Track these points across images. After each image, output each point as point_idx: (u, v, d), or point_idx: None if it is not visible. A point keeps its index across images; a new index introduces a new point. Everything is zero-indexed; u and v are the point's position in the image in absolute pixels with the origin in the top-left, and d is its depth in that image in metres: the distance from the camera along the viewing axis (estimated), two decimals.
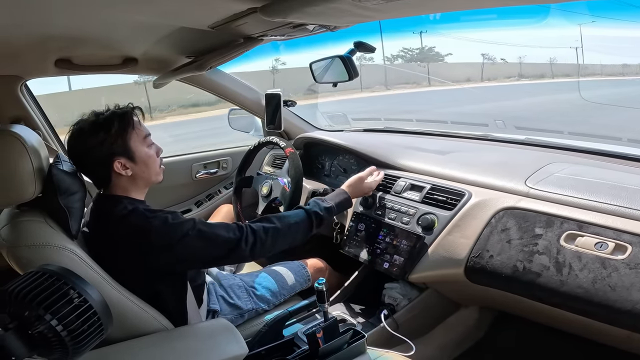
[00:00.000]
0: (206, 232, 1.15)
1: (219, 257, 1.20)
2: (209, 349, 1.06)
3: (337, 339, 1.05)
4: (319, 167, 2.09)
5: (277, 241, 1.26)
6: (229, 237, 1.17)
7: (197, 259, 1.17)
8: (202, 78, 2.03)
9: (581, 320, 1.10)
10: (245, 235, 1.19)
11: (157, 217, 1.12)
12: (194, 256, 1.15)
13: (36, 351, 0.76)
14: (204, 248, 1.14)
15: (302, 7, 0.87)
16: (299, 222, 1.31)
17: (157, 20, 1.19)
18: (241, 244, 1.18)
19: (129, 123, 1.16)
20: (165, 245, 1.10)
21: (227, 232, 1.18)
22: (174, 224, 1.12)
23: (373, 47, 1.58)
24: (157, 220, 1.11)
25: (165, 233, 1.10)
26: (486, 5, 0.95)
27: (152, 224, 1.10)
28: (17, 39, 1.24)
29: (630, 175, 1.31)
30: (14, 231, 0.99)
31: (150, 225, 1.10)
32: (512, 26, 8.76)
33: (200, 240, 1.14)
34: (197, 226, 1.14)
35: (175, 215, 1.15)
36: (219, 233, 1.17)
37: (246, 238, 1.19)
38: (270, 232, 1.23)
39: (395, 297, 1.50)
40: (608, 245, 1.06)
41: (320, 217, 1.36)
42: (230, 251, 1.18)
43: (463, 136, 2.06)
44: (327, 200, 1.42)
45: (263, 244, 1.22)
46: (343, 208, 1.47)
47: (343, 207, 1.47)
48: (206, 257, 1.18)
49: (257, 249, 1.21)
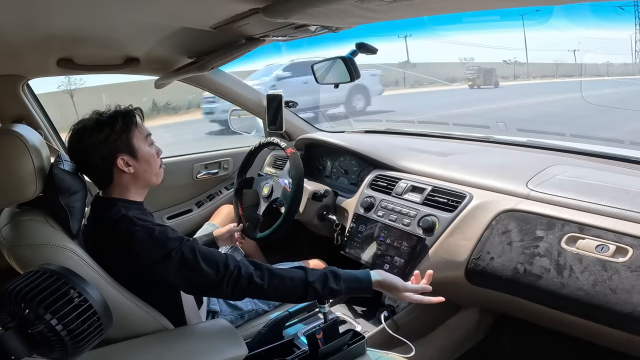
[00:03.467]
0: (189, 261, 1.06)
1: (198, 290, 1.14)
2: (209, 349, 1.06)
3: (337, 340, 1.05)
4: (320, 168, 2.09)
5: (261, 295, 1.14)
6: (211, 273, 1.07)
7: (174, 283, 1.09)
8: (203, 78, 2.03)
9: (581, 322, 1.10)
10: (229, 276, 1.08)
11: (144, 228, 1.07)
12: (170, 281, 1.08)
13: (36, 350, 0.76)
14: (184, 275, 1.07)
15: (304, 8, 0.87)
16: (292, 289, 1.12)
17: (159, 21, 1.19)
18: (222, 284, 1.07)
19: (132, 120, 1.17)
20: (146, 259, 1.05)
21: (211, 267, 1.07)
22: (158, 240, 1.06)
23: (375, 48, 1.58)
24: (143, 231, 1.07)
25: (147, 248, 1.06)
26: (489, 6, 0.95)
27: (136, 235, 1.06)
28: (19, 38, 1.24)
29: (631, 178, 1.31)
30: (14, 230, 0.99)
31: (134, 235, 1.06)
32: (514, 28, 8.74)
33: (181, 267, 1.06)
34: (183, 249, 1.07)
35: (163, 229, 1.09)
36: (202, 267, 1.06)
37: (228, 279, 1.08)
38: (254, 286, 1.09)
39: (396, 299, 1.50)
40: (609, 248, 1.06)
41: (320, 295, 1.14)
42: (211, 289, 1.10)
43: (464, 138, 2.06)
44: (340, 280, 1.15)
45: (243, 292, 1.11)
46: (354, 294, 1.21)
47: (354, 294, 1.20)
48: (186, 285, 1.11)
49: (238, 294, 1.11)
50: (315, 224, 1.83)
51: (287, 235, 2.02)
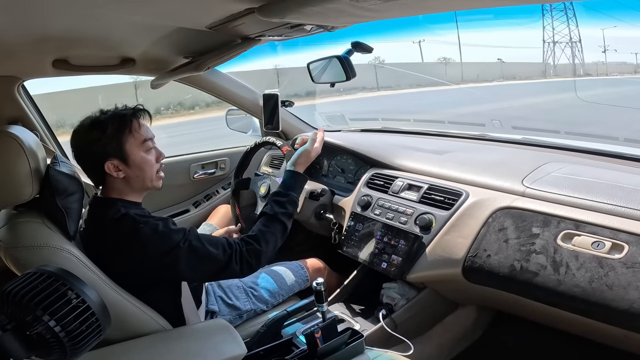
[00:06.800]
0: (197, 247, 1.12)
1: (208, 275, 1.19)
2: (208, 349, 1.06)
3: (336, 339, 1.05)
4: (316, 167, 2.09)
5: (265, 257, 1.23)
6: (219, 254, 1.14)
7: (184, 273, 1.14)
8: (199, 78, 2.03)
9: (578, 319, 1.10)
10: (234, 254, 1.17)
11: (148, 224, 1.09)
12: (181, 270, 1.12)
13: (34, 352, 0.76)
14: (193, 263, 1.12)
15: (299, 8, 0.87)
16: (276, 233, 1.27)
17: (154, 21, 1.19)
18: (232, 262, 1.15)
19: (126, 125, 1.14)
20: (154, 254, 1.08)
21: (218, 249, 1.15)
22: (164, 233, 1.10)
23: (370, 48, 1.58)
24: (147, 227, 1.09)
25: (154, 242, 1.08)
26: (484, 5, 0.95)
27: (142, 232, 1.08)
28: (14, 39, 1.23)
29: (626, 174, 1.32)
30: (11, 232, 0.98)
31: (139, 232, 1.08)
32: (509, 26, 8.79)
33: (190, 254, 1.11)
34: (189, 238, 1.12)
35: (166, 222, 1.13)
36: (210, 250, 1.14)
37: (236, 256, 1.16)
38: (256, 254, 1.21)
39: (394, 297, 1.50)
40: (605, 245, 1.06)
41: (290, 213, 1.33)
42: (221, 270, 1.16)
43: (460, 136, 2.06)
44: (283, 193, 1.36)
45: (250, 265, 1.19)
46: (302, 189, 1.45)
47: (301, 188, 1.44)
48: (195, 273, 1.15)
49: (245, 268, 1.18)
50: (313, 223, 1.83)
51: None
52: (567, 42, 8.64)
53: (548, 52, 8.81)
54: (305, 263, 1.67)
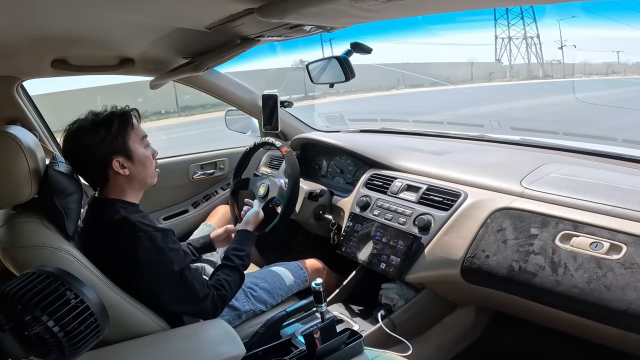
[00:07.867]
0: (187, 278, 1.14)
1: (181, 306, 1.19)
2: (207, 349, 1.06)
3: (335, 340, 1.05)
4: (315, 168, 2.10)
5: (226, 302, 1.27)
6: (200, 290, 1.16)
7: (163, 297, 1.14)
8: (199, 79, 2.03)
9: (577, 320, 1.10)
10: (211, 295, 1.19)
11: (147, 234, 1.10)
12: (164, 294, 1.14)
13: (33, 352, 0.76)
14: (177, 292, 1.14)
15: (298, 8, 0.87)
16: (237, 280, 1.31)
17: (154, 21, 1.19)
18: (207, 300, 1.18)
19: (128, 122, 1.17)
20: (147, 272, 1.10)
21: (202, 286, 1.18)
22: (162, 251, 1.11)
23: (369, 48, 1.58)
24: (146, 238, 1.10)
25: (150, 260, 1.10)
26: (485, 5, 0.95)
27: (140, 244, 1.09)
28: (13, 39, 1.23)
29: (624, 175, 1.32)
30: (10, 232, 0.98)
31: (137, 244, 1.09)
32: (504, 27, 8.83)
33: (180, 283, 1.13)
34: (184, 267, 1.14)
35: (165, 236, 1.14)
36: (196, 286, 1.16)
37: (212, 297, 1.19)
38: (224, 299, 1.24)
39: (392, 298, 1.50)
40: (603, 245, 1.07)
41: (246, 265, 1.37)
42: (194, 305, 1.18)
43: (459, 137, 2.06)
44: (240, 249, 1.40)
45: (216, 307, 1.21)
46: (252, 244, 1.50)
47: (252, 244, 1.49)
48: (173, 301, 1.16)
49: (213, 309, 1.20)
50: (312, 224, 1.83)
51: (284, 235, 2.02)
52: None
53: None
54: (304, 263, 1.67)
